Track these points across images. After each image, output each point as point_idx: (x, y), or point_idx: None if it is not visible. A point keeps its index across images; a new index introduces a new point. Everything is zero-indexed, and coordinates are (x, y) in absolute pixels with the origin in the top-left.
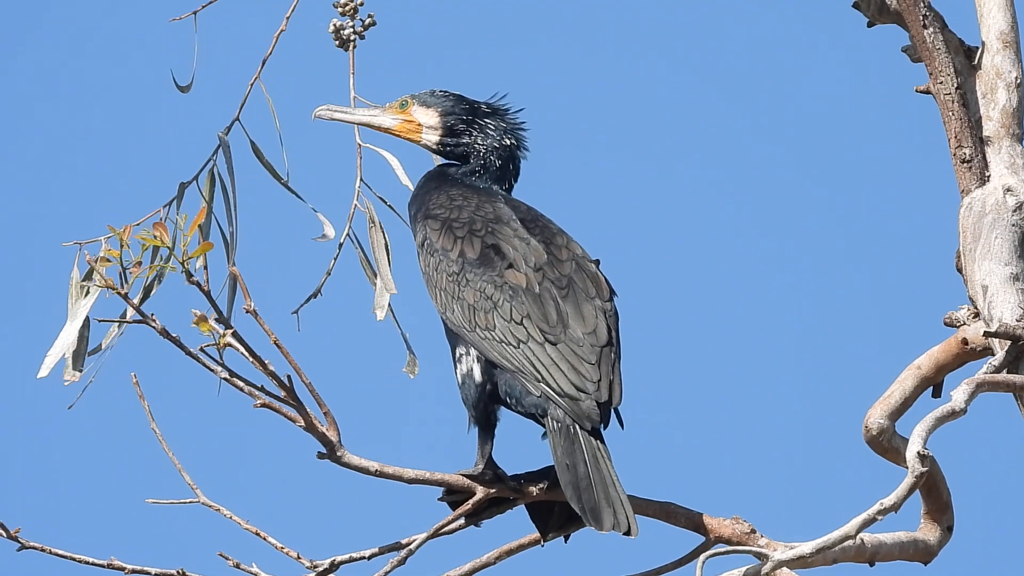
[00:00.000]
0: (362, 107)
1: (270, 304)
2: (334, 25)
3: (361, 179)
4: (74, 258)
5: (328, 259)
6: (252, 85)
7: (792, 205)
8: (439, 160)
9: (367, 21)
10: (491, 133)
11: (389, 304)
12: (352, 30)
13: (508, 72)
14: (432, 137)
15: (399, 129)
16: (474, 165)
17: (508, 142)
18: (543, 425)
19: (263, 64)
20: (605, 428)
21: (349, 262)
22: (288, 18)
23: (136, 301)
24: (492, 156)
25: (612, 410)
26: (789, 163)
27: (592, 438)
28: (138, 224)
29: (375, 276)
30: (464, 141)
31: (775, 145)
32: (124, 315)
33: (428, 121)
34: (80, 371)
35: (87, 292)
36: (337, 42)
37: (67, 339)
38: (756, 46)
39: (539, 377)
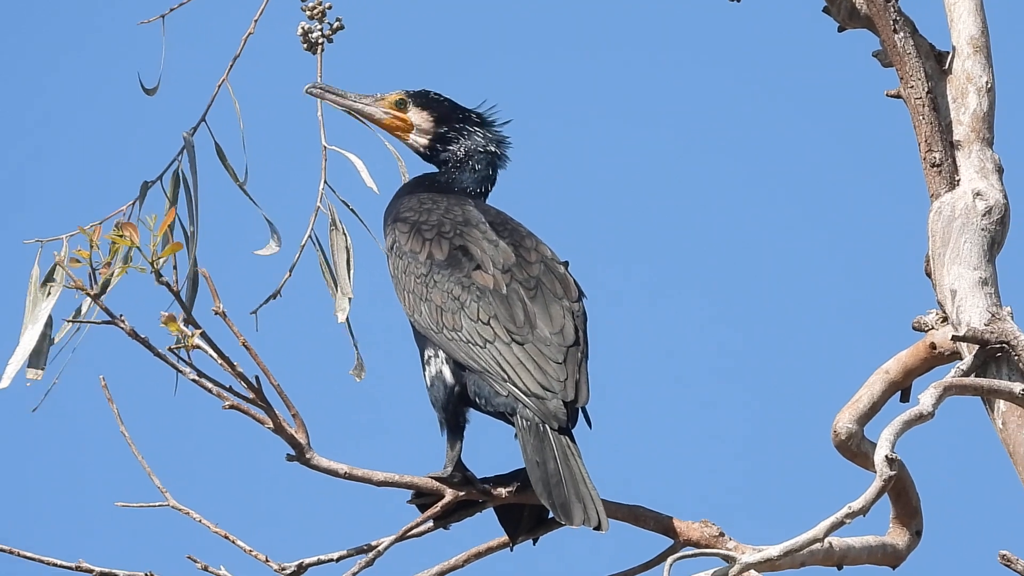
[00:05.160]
0: (356, 93)
1: (231, 305)
2: (302, 28)
3: (325, 181)
4: (35, 256)
5: (290, 261)
6: (219, 87)
7: (760, 208)
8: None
9: (335, 25)
10: (478, 140)
11: (348, 307)
12: (320, 33)
13: (480, 75)
14: (421, 140)
15: (388, 124)
16: (454, 172)
17: (492, 150)
18: (513, 425)
19: (231, 66)
20: (573, 427)
21: (314, 263)
22: (256, 21)
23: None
24: (474, 163)
25: (579, 409)
26: (757, 167)
27: (562, 436)
28: (101, 223)
29: (334, 280)
30: (451, 148)
31: (744, 150)
32: (79, 312)
33: (421, 124)
34: (42, 370)
35: (48, 293)
36: (305, 45)
37: (28, 345)
38: (724, 51)
39: (506, 377)
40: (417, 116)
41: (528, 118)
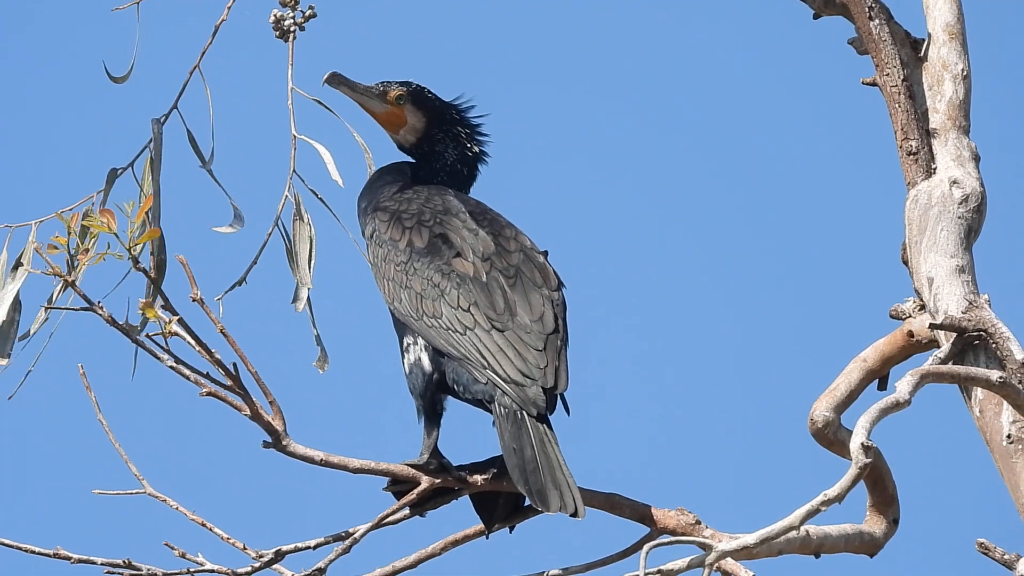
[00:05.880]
0: (363, 85)
1: (202, 292)
2: (275, 16)
3: (294, 170)
4: (3, 242)
5: (258, 248)
6: (191, 74)
7: (738, 197)
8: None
9: (307, 13)
10: (462, 141)
11: (308, 298)
12: (292, 21)
13: (447, 65)
14: (409, 137)
15: (383, 118)
16: (437, 169)
17: (476, 151)
18: (491, 412)
19: (203, 53)
20: (551, 414)
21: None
22: (229, 8)
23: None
24: (458, 164)
25: (558, 396)
26: (735, 155)
27: (539, 423)
28: (70, 209)
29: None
30: (436, 149)
31: (721, 138)
32: (50, 300)
33: (415, 123)
34: (7, 357)
35: (16, 274)
36: (277, 33)
37: None
38: (700, 39)
39: (485, 364)
40: (412, 114)
41: (498, 117)
